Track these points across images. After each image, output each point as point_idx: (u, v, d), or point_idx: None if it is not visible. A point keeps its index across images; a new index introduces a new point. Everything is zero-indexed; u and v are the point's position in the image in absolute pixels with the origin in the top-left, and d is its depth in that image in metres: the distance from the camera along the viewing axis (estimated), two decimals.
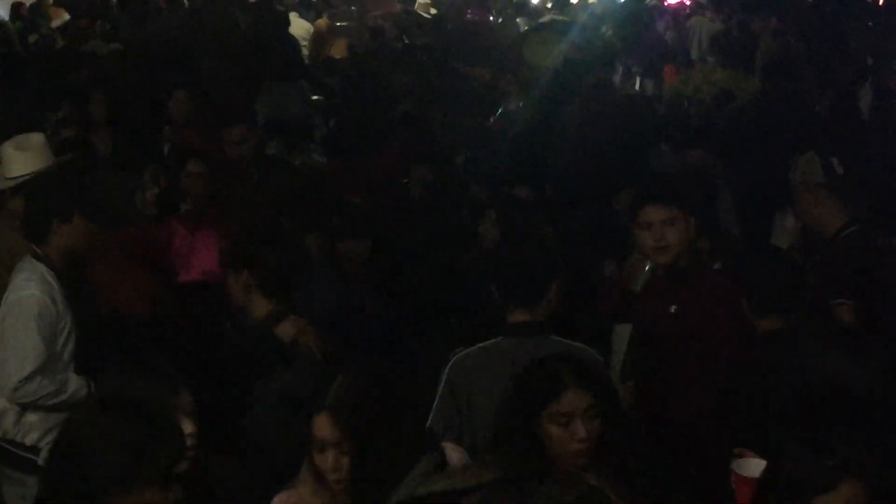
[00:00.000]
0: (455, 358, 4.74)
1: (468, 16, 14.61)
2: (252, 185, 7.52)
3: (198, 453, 3.65)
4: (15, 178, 6.44)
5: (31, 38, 14.56)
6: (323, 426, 3.68)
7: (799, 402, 4.11)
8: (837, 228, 6.32)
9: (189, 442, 3.53)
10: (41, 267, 5.33)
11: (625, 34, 13.33)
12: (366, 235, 6.49)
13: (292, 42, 12.42)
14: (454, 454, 3.80)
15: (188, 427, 3.57)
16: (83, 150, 7.91)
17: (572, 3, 16.66)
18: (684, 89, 11.88)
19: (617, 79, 12.30)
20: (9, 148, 6.49)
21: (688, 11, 17.10)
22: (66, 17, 16.62)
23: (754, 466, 3.82)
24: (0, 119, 7.89)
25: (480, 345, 4.76)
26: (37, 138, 6.62)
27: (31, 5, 18.00)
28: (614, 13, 16.27)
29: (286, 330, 4.87)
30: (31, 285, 5.24)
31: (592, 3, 17.23)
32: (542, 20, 14.36)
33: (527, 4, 17.05)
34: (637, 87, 12.53)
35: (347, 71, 12.67)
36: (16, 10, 17.69)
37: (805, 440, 3.44)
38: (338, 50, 14.74)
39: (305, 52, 13.94)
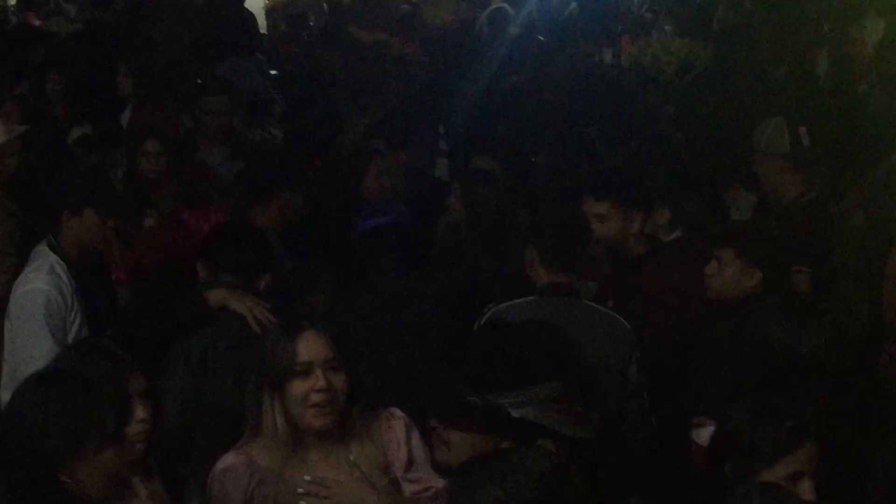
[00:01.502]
0: (488, 312, 4.84)
1: None
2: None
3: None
4: None
5: None
6: (310, 345, 3.61)
7: (754, 367, 4.17)
8: (795, 196, 6.38)
9: (142, 427, 3.56)
10: (52, 258, 5.29)
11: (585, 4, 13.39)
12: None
13: (248, 16, 12.35)
14: None
15: (140, 412, 3.58)
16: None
17: None
18: (642, 59, 11.87)
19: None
20: None
21: None
22: None
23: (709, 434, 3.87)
24: None
25: (514, 301, 4.86)
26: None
27: None
28: None
29: (217, 296, 4.83)
30: (39, 278, 5.19)
31: None
32: None
33: None
34: (596, 57, 12.53)
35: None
36: None
37: (761, 405, 3.48)
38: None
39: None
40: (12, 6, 15.65)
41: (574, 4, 14.26)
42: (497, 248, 6.18)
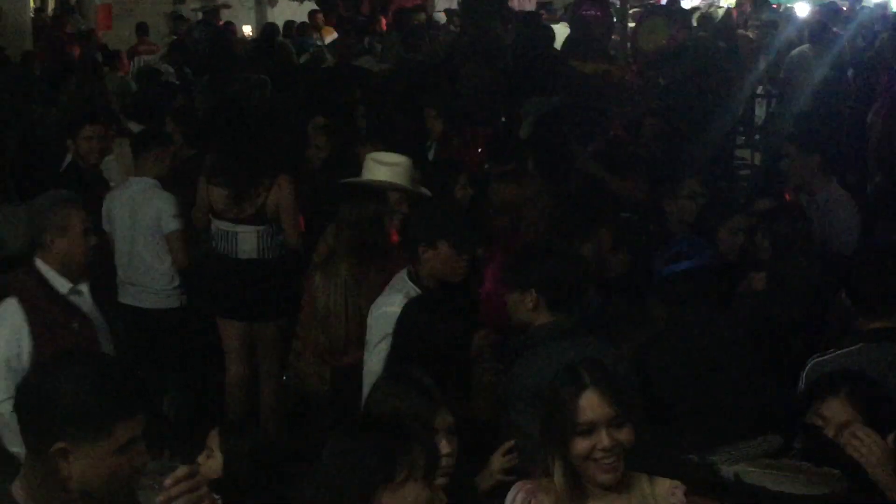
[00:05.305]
0: (813, 362, 4.73)
1: (584, 12, 14.27)
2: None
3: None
4: (366, 179, 6.63)
5: (303, 57, 15.11)
6: (592, 405, 3.50)
7: None
8: None
9: (447, 461, 3.61)
10: (410, 286, 5.45)
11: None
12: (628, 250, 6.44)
13: (556, 56, 12.46)
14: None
15: (445, 447, 3.63)
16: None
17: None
18: None
19: None
20: (369, 158, 6.74)
21: None
22: (335, 34, 17.23)
23: None
24: (270, 129, 8.23)
25: (840, 350, 4.72)
26: (401, 158, 6.77)
27: (300, 24, 18.76)
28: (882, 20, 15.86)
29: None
30: (395, 302, 5.28)
31: (864, 8, 16.94)
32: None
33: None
34: None
35: None
36: (287, 28, 18.45)
37: None
38: None
39: None
40: (325, 46, 16.44)
41: (883, 35, 13.86)
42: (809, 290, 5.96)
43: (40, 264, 5.41)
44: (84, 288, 5.51)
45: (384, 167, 6.68)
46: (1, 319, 5.30)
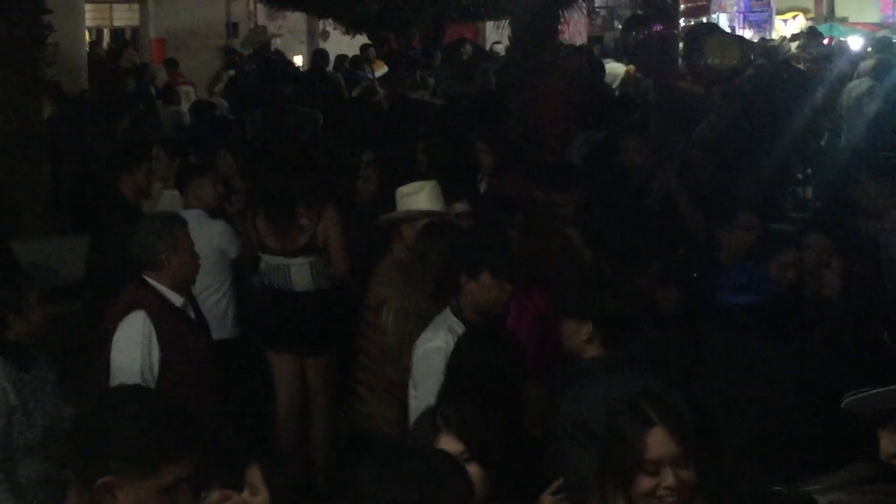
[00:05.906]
0: (848, 400, 4.65)
1: (654, 30, 14.25)
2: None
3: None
4: (400, 212, 6.63)
5: (355, 90, 15.19)
6: (658, 443, 3.45)
7: None
8: None
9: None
10: (453, 320, 5.42)
11: None
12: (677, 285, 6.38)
13: (606, 88, 12.46)
14: None
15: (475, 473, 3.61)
16: None
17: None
18: None
19: None
20: (397, 193, 6.72)
21: None
22: (386, 68, 17.32)
23: None
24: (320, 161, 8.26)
25: (877, 390, 4.62)
26: (425, 183, 6.76)
27: (353, 57, 18.87)
28: None
29: None
30: (439, 337, 5.30)
31: None
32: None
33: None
34: None
35: None
36: (339, 61, 18.57)
37: None
38: None
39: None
40: (376, 79, 16.53)
41: None
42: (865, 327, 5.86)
43: (152, 281, 5.63)
44: (189, 303, 5.80)
45: (411, 197, 6.64)
46: (132, 332, 5.50)
